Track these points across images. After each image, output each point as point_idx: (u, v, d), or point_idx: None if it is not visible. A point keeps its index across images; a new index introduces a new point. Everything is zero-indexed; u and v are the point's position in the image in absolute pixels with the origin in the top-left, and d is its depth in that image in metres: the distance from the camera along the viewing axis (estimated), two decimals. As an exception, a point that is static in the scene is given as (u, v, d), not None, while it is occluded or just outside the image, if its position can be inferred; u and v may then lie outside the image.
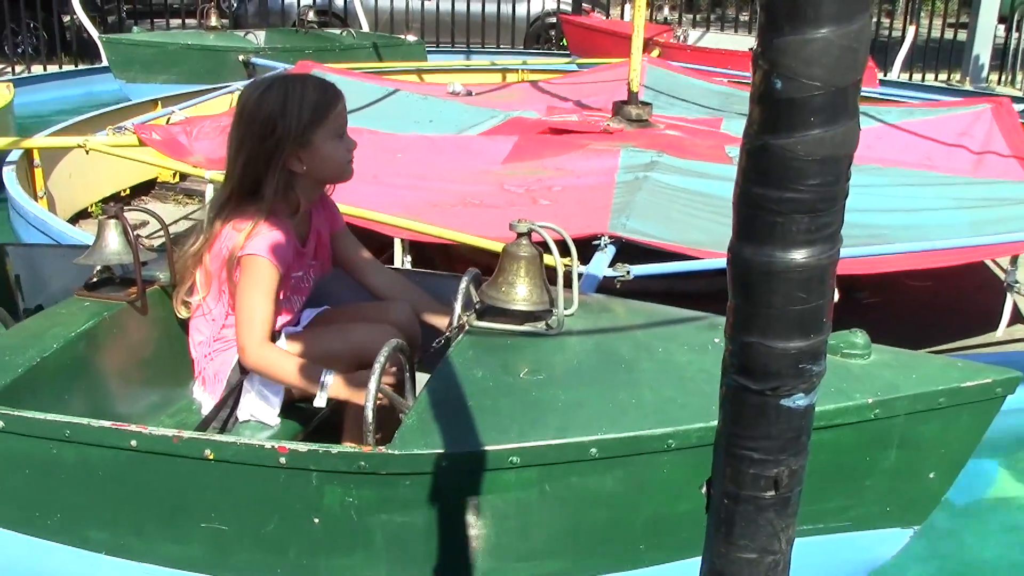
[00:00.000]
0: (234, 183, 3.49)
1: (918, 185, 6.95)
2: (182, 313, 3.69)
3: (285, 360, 3.43)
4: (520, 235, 3.36)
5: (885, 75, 13.98)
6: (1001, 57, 16.26)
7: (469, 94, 10.03)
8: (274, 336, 3.56)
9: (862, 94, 1.41)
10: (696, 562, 1.64)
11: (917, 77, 16.08)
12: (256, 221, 3.41)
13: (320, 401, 3.34)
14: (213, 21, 13.23)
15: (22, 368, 3.23)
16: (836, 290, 1.46)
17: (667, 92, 9.73)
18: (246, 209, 3.45)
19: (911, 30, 15.37)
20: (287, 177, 3.46)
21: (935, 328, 5.78)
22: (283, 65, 10.43)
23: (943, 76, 16.57)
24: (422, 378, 3.31)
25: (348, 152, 3.54)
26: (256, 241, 3.39)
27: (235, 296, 3.45)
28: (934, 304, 6.26)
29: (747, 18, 20.70)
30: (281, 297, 3.51)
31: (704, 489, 1.61)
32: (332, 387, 3.33)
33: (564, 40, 16.85)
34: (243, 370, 3.56)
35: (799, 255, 1.38)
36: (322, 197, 3.73)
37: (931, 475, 3.05)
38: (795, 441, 1.49)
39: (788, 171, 1.35)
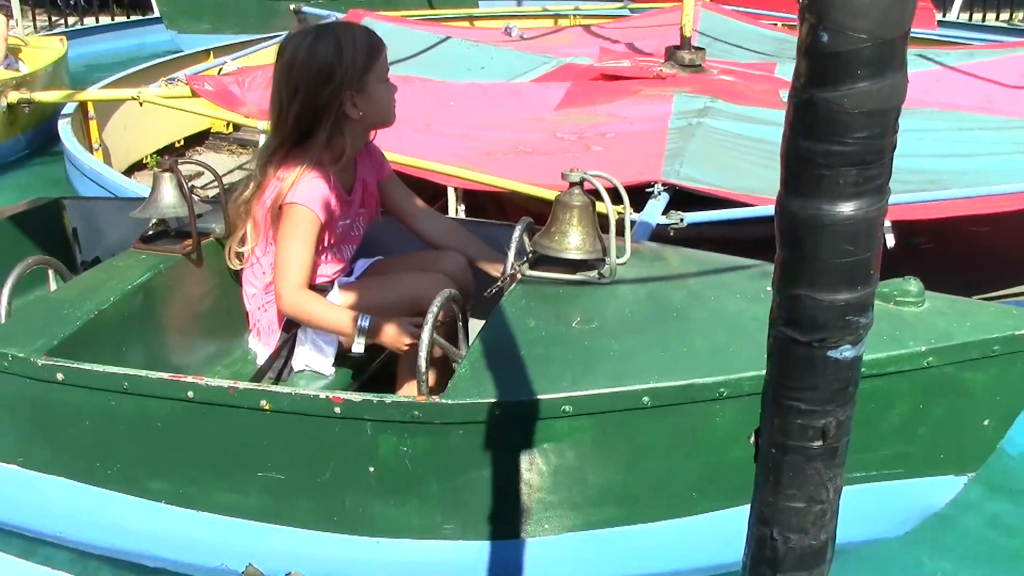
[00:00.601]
0: (286, 132, 3.52)
1: (978, 129, 6.84)
2: (234, 264, 3.73)
3: (321, 306, 3.48)
4: (572, 184, 3.36)
5: (944, 16, 13.71)
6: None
7: (522, 38, 9.98)
8: (327, 286, 3.60)
9: (920, 36, 1.41)
10: (747, 510, 1.65)
11: (977, 17, 15.68)
12: (301, 170, 3.45)
13: (358, 347, 3.39)
14: (264, -30, 13.19)
15: (80, 321, 3.27)
16: (892, 236, 1.47)
17: (720, 37, 9.62)
18: (294, 158, 3.49)
19: (971, -32, 15.10)
20: (340, 124, 3.50)
21: (992, 274, 5.72)
22: (334, 14, 10.38)
23: (1005, 16, 16.24)
24: (475, 327, 3.32)
25: (393, 96, 3.58)
26: (299, 189, 3.42)
27: (276, 244, 3.49)
28: (992, 250, 6.20)
29: (801, -40, 20.38)
30: (326, 244, 3.54)
31: (752, 439, 1.62)
32: (369, 332, 3.37)
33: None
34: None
35: (846, 208, 1.38)
36: (367, 145, 3.75)
37: (985, 423, 3.04)
38: (842, 392, 1.50)
39: (835, 124, 1.35)
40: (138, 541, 3.29)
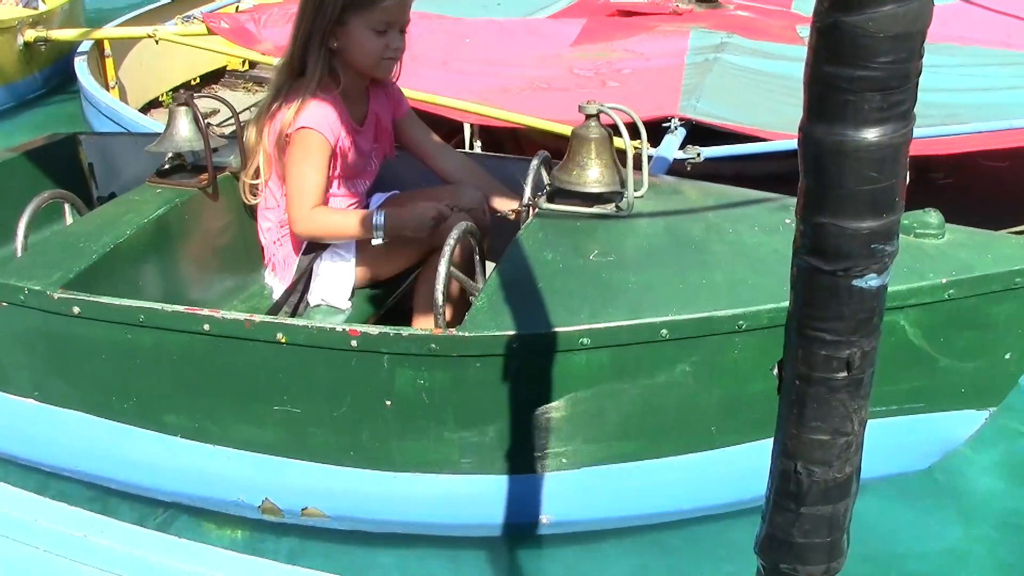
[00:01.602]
0: (291, 61, 3.56)
1: (996, 64, 6.78)
2: (250, 199, 3.73)
3: (335, 215, 3.52)
4: (589, 117, 3.34)
5: (962, -50, 13.62)
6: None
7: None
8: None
9: (937, -32, 1.38)
10: (768, 443, 1.64)
11: (996, -49, 15.63)
12: (304, 97, 3.46)
13: (377, 240, 3.42)
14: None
15: (96, 255, 3.27)
16: (909, 171, 1.45)
17: (737, -28, 9.58)
18: (299, 87, 3.50)
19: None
20: (327, 56, 3.50)
21: (1012, 209, 5.69)
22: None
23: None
24: (491, 268, 3.32)
25: (386, 49, 3.53)
26: (304, 114, 3.44)
27: (287, 172, 3.49)
28: (1011, 185, 6.16)
29: None
30: (339, 174, 3.55)
31: (775, 371, 1.60)
32: (388, 227, 3.40)
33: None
34: (311, 248, 3.60)
35: (871, 134, 1.36)
36: (382, 82, 3.73)
37: (1007, 356, 3.03)
38: (867, 322, 1.48)
39: (859, 48, 1.32)
40: (154, 475, 3.30)
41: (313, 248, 3.62)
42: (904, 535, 3.45)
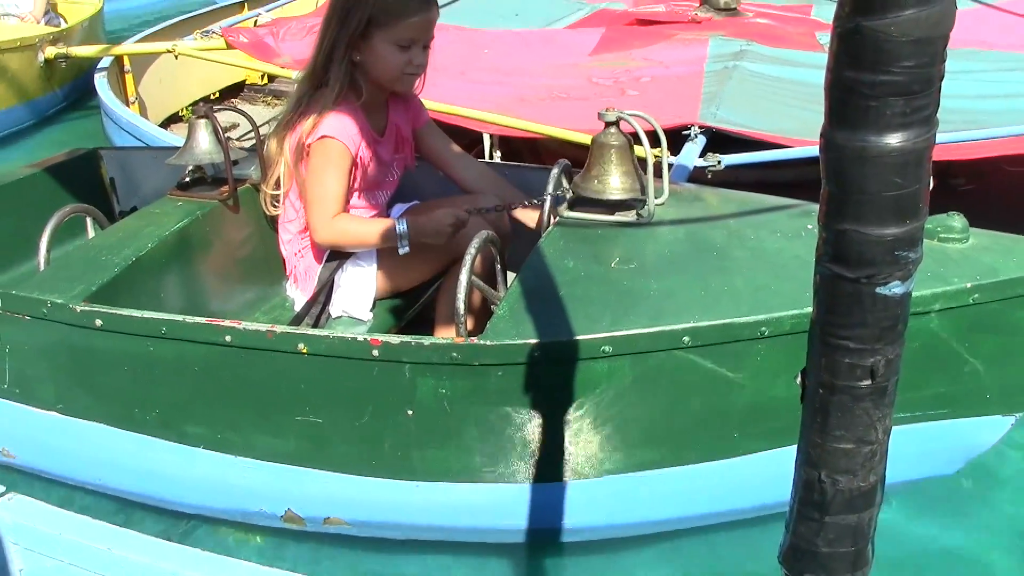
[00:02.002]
0: (312, 73, 3.57)
1: (1018, 70, 6.78)
2: (270, 210, 3.73)
3: (357, 224, 3.52)
4: (609, 124, 3.34)
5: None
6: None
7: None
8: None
9: (959, -26, 1.38)
10: (791, 450, 1.63)
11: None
12: (324, 107, 3.46)
13: (403, 249, 3.41)
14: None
15: (118, 268, 3.28)
16: (931, 176, 1.44)
17: (755, -21, 9.58)
18: (317, 98, 3.51)
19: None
20: (349, 67, 3.50)
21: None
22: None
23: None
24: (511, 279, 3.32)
25: (408, 65, 3.53)
26: (325, 124, 3.45)
27: (307, 181, 3.49)
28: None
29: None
30: (359, 185, 3.56)
31: (798, 379, 1.60)
32: (411, 234, 3.40)
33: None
34: (332, 259, 3.60)
35: (894, 139, 1.35)
36: (402, 95, 3.73)
37: (1032, 361, 3.02)
38: (891, 330, 1.47)
39: (881, 53, 1.31)
40: (177, 487, 3.31)
41: (334, 259, 3.62)
42: (929, 542, 3.43)
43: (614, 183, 3.31)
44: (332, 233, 3.48)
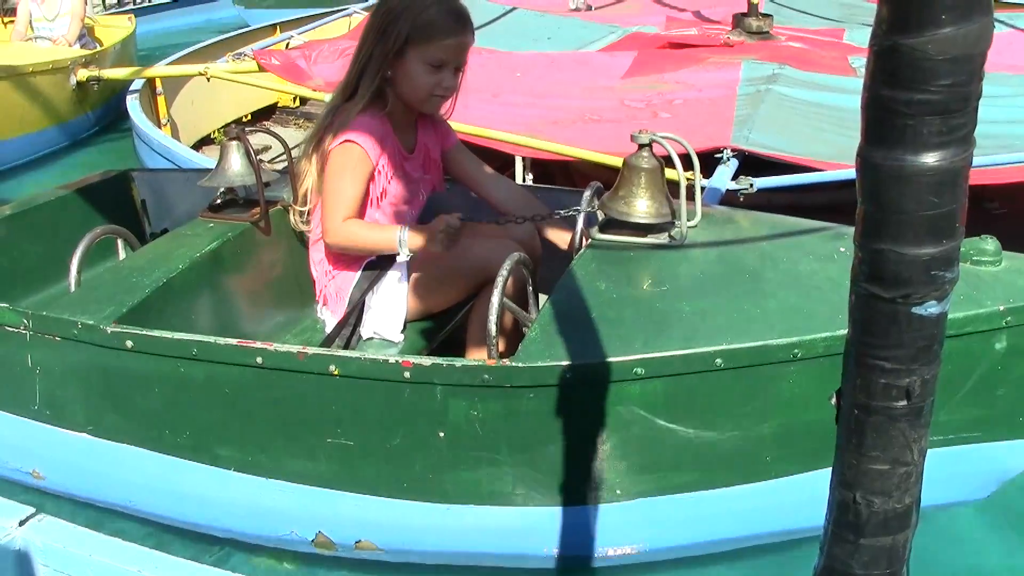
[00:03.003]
0: (346, 86, 3.61)
1: (1052, 94, 6.75)
2: (300, 226, 3.75)
3: (367, 229, 3.52)
4: (641, 146, 3.33)
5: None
6: None
7: (589, 8, 9.97)
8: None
9: (992, -2, 1.37)
10: (825, 473, 1.62)
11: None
12: (349, 115, 3.49)
13: (404, 256, 3.43)
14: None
15: (149, 289, 3.28)
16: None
17: (788, 3, 9.59)
18: (344, 108, 3.55)
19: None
20: (381, 82, 3.52)
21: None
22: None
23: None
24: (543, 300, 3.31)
25: (437, 86, 3.54)
26: (346, 130, 3.46)
27: (324, 183, 3.51)
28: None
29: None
30: (381, 195, 3.58)
31: (833, 400, 1.58)
32: (410, 240, 3.41)
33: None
34: (363, 278, 3.60)
35: (931, 158, 1.34)
36: (430, 117, 3.74)
37: (1066, 385, 2.99)
38: (927, 350, 1.46)
39: (918, 71, 1.31)
40: (208, 509, 3.30)
41: (365, 280, 3.62)
42: (961, 566, 3.40)
43: (640, 206, 3.30)
44: (342, 236, 3.50)
